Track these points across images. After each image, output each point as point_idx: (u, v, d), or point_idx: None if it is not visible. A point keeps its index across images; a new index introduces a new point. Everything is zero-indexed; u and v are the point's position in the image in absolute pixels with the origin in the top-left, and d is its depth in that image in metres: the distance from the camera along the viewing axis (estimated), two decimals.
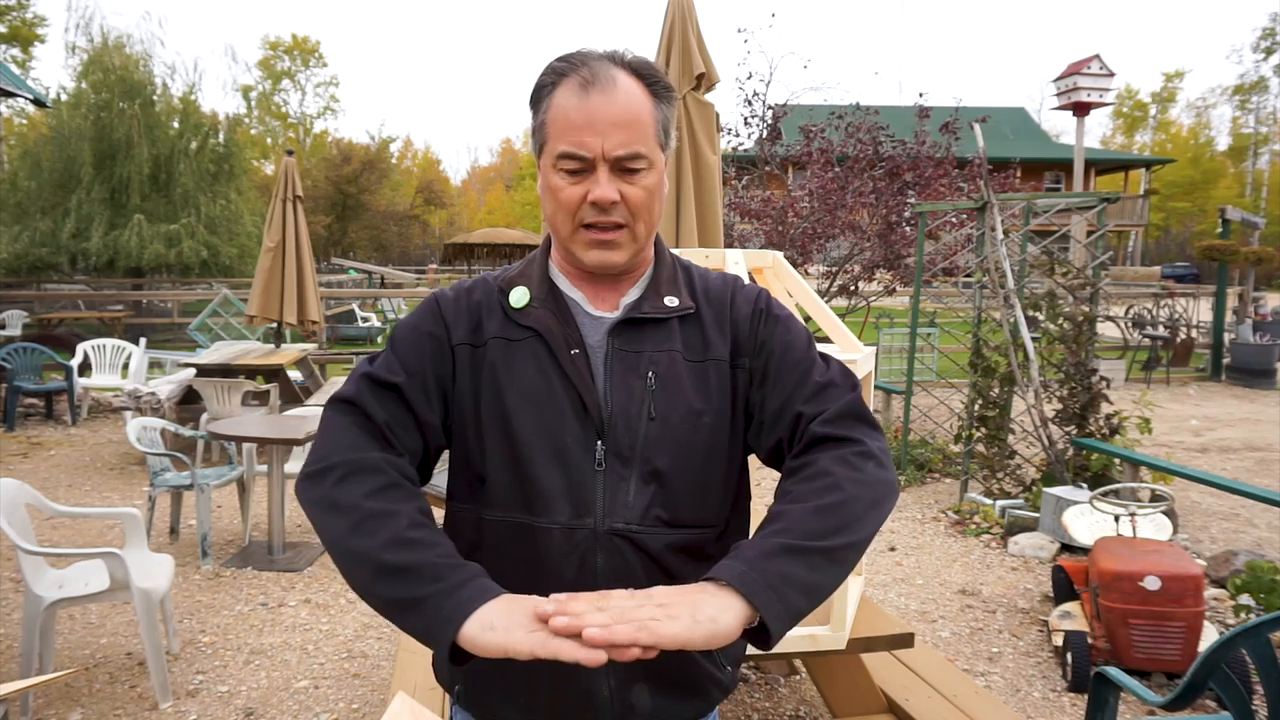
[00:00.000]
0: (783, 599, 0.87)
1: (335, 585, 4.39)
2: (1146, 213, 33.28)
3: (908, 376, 6.71)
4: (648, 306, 1.10)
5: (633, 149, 1.04)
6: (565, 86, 1.05)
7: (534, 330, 1.08)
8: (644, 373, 1.07)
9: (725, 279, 1.20)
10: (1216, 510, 5.82)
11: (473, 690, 1.14)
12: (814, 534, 0.92)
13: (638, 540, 1.06)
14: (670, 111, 1.11)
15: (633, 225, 1.07)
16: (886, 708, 2.70)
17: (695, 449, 1.08)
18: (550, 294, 1.11)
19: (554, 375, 1.07)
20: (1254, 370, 11.61)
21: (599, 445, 1.06)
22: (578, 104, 1.04)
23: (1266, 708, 1.97)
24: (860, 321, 10.78)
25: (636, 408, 1.06)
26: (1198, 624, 3.27)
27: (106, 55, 15.51)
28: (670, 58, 3.62)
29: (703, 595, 0.86)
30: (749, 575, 0.87)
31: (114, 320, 13.56)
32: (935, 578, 4.64)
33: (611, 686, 1.07)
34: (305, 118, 46.84)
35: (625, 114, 1.04)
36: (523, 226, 37.92)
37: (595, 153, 1.03)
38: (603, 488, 1.05)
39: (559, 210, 1.07)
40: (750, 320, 1.14)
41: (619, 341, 1.09)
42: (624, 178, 1.05)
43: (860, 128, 9.65)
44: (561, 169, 1.05)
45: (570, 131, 1.04)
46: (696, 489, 1.10)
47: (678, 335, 1.10)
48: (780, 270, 2.54)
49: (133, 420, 4.86)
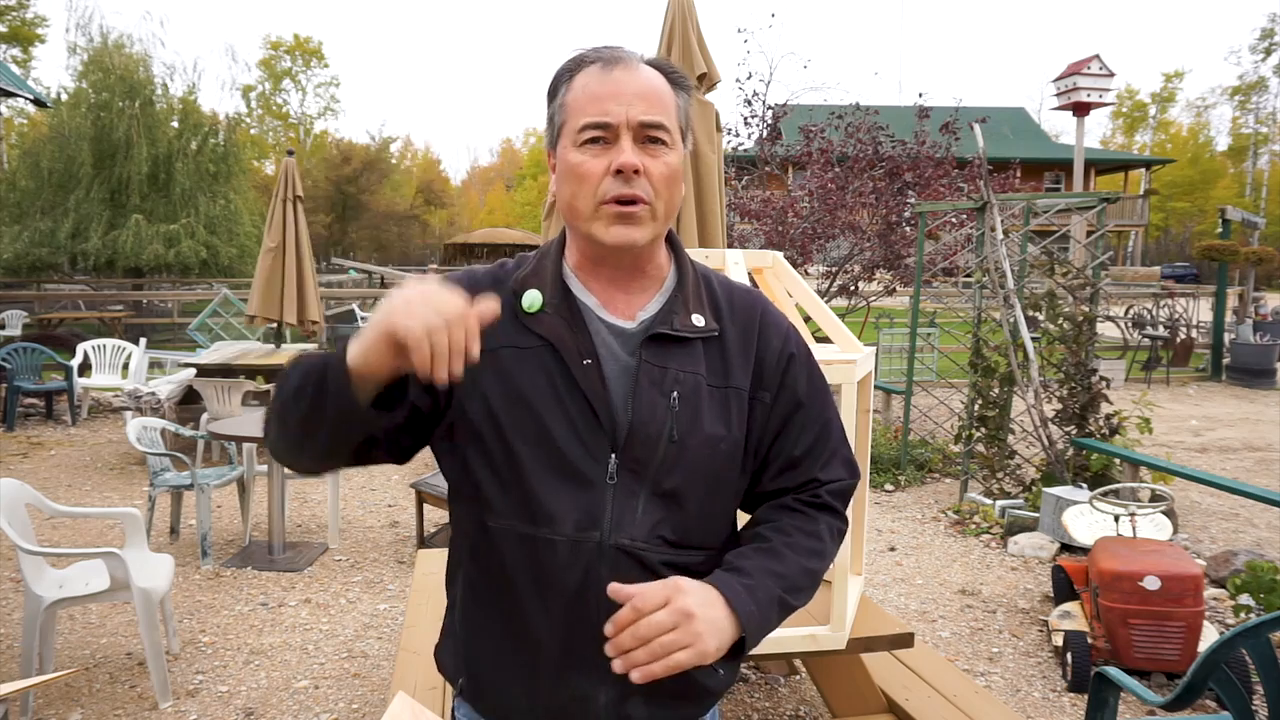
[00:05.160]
0: (755, 640, 1.01)
1: (335, 585, 4.39)
2: (1146, 213, 33.28)
3: (908, 376, 6.71)
4: (678, 324, 1.08)
5: (657, 117, 1.03)
6: (586, 71, 1.06)
7: (545, 340, 1.06)
8: (668, 391, 1.06)
9: (752, 299, 1.18)
10: (1216, 510, 5.82)
11: (476, 684, 1.14)
12: (795, 590, 1.07)
13: (642, 558, 1.06)
14: (688, 105, 1.10)
15: (654, 202, 1.05)
16: (886, 708, 2.70)
17: (709, 474, 1.08)
18: (564, 299, 1.09)
19: (564, 387, 1.04)
20: (1254, 370, 11.62)
21: (613, 459, 1.04)
22: (601, 78, 1.04)
23: (1266, 708, 1.97)
24: (860, 321, 10.78)
25: (658, 427, 1.05)
26: (1197, 624, 3.27)
27: (106, 55, 15.49)
28: (670, 58, 3.62)
29: (723, 619, 0.97)
30: (755, 619, 0.99)
31: (114, 320, 13.56)
32: (935, 578, 4.64)
33: (608, 695, 1.08)
34: (306, 118, 46.84)
35: (649, 87, 1.04)
36: (523, 226, 37.90)
37: (619, 120, 1.02)
38: (612, 502, 1.05)
39: (580, 186, 1.04)
40: (778, 357, 1.13)
41: (648, 354, 1.06)
42: (647, 149, 1.04)
43: (860, 128, 9.64)
44: (584, 141, 1.03)
45: (593, 103, 1.03)
46: (705, 513, 1.10)
47: (702, 358, 1.09)
48: (780, 270, 2.53)
49: (133, 420, 4.86)
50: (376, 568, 4.67)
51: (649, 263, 1.12)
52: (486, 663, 1.12)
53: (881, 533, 5.37)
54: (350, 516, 5.54)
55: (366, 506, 5.80)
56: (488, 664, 1.12)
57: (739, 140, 10.78)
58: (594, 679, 1.07)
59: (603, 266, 1.10)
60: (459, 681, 1.16)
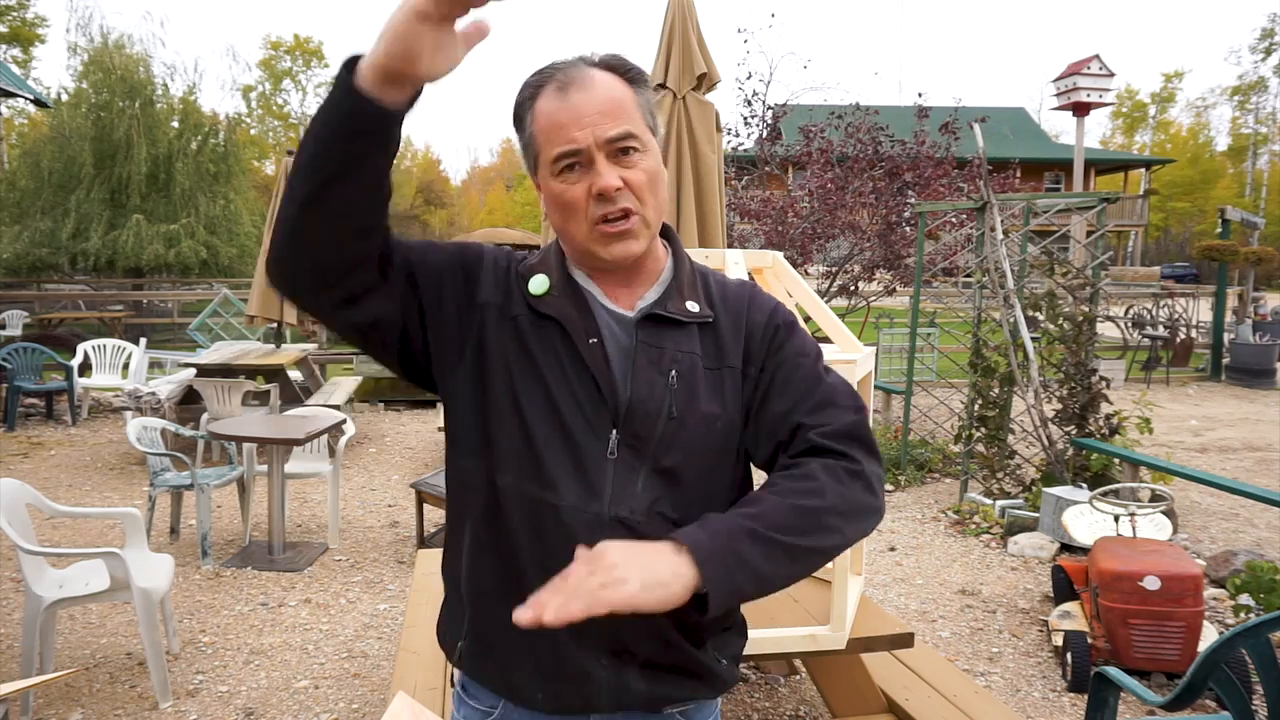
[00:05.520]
0: (731, 578, 0.92)
1: (335, 585, 4.39)
2: (1146, 213, 33.28)
3: (908, 376, 6.71)
4: (672, 307, 1.12)
5: (622, 128, 1.05)
6: (543, 96, 1.08)
7: (553, 318, 1.10)
8: (666, 370, 1.09)
9: (743, 287, 1.21)
10: (1216, 510, 5.83)
11: (476, 647, 1.15)
12: (782, 528, 0.96)
13: (642, 533, 1.06)
14: (649, 97, 1.12)
15: (641, 210, 1.08)
16: (886, 708, 2.70)
17: (707, 452, 1.11)
18: (568, 284, 1.13)
19: (570, 362, 1.08)
20: (1254, 370, 11.62)
21: (614, 434, 1.07)
22: (559, 105, 1.06)
23: (1266, 708, 1.97)
24: (860, 321, 10.78)
25: (657, 404, 1.08)
26: (1197, 624, 3.27)
27: (107, 55, 15.50)
28: (670, 58, 3.62)
29: (659, 557, 0.91)
30: (707, 547, 0.92)
31: (114, 320, 13.57)
32: (935, 578, 4.64)
33: (606, 669, 1.10)
34: (306, 118, 46.84)
35: (607, 102, 1.06)
36: (523, 226, 37.82)
37: (587, 143, 1.04)
38: (613, 476, 1.07)
39: (569, 215, 1.08)
40: (764, 329, 1.16)
41: (643, 334, 1.10)
42: (622, 162, 1.06)
43: (860, 128, 9.66)
44: (560, 170, 1.07)
45: (558, 132, 1.05)
46: (703, 491, 1.11)
47: (697, 341, 1.12)
48: (780, 270, 2.53)
49: (133, 420, 4.86)
50: (376, 568, 4.67)
51: (647, 258, 1.15)
52: (488, 626, 1.13)
53: (881, 533, 5.37)
54: (350, 516, 5.54)
55: (366, 506, 5.80)
56: (489, 627, 1.13)
57: (739, 140, 10.80)
58: (592, 652, 1.09)
59: (603, 270, 1.15)
60: (459, 646, 1.17)
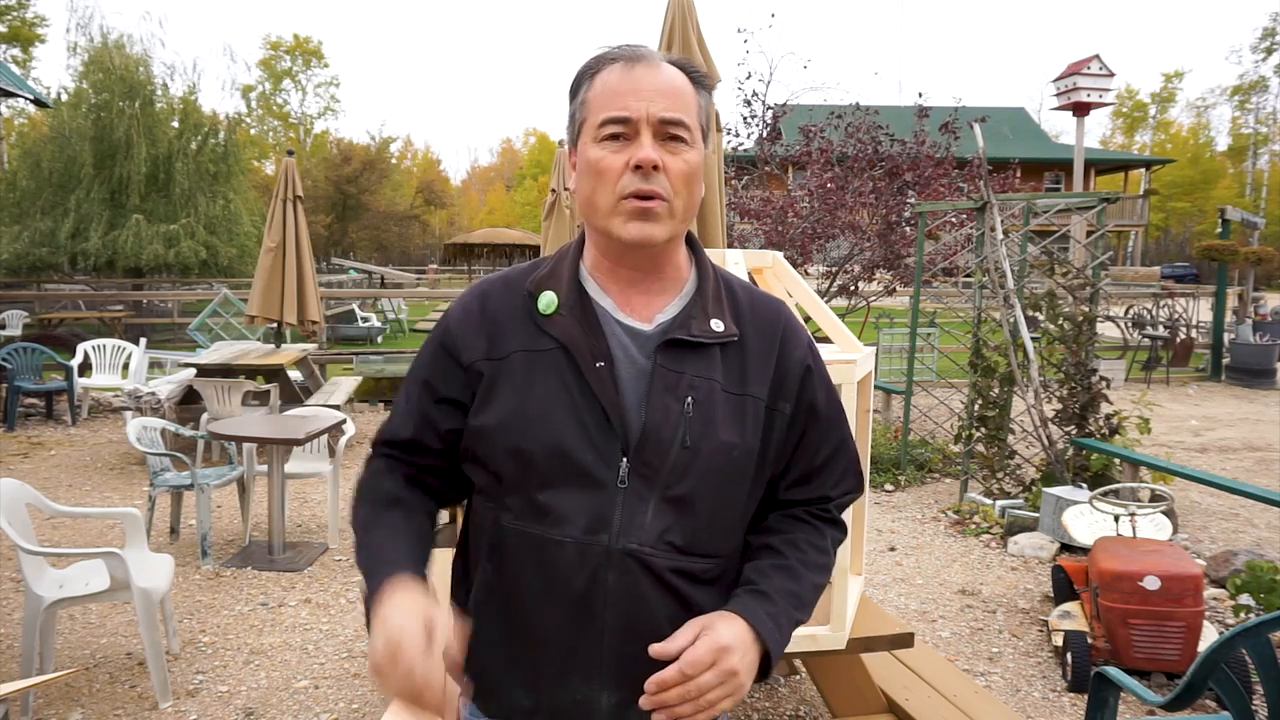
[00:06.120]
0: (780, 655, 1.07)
1: (335, 585, 4.39)
2: (1146, 213, 33.28)
3: (908, 376, 6.71)
4: (695, 328, 1.07)
5: (677, 114, 1.03)
6: (608, 68, 1.06)
7: (559, 342, 1.06)
8: (682, 397, 1.05)
9: (774, 307, 1.17)
10: (1216, 510, 5.83)
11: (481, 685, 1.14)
12: (804, 608, 1.12)
13: (649, 562, 1.05)
14: (710, 106, 1.10)
15: (672, 199, 1.04)
16: (886, 708, 2.70)
17: (721, 481, 1.08)
18: (579, 301, 1.08)
19: (577, 389, 1.04)
20: (1254, 370, 11.62)
21: (624, 462, 1.04)
22: (622, 76, 1.05)
23: (1266, 708, 1.97)
24: (860, 321, 10.78)
25: (670, 432, 1.04)
26: (1197, 624, 3.27)
27: (107, 55, 15.49)
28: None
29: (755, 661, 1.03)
30: (779, 647, 1.06)
31: (114, 320, 13.56)
32: (935, 578, 4.64)
33: (611, 698, 1.08)
34: (306, 118, 46.88)
35: (670, 84, 1.05)
36: (523, 226, 37.86)
37: (640, 115, 1.02)
38: (622, 505, 1.04)
39: (600, 182, 1.04)
40: (800, 372, 1.14)
41: (663, 359, 1.06)
42: (667, 147, 1.04)
43: (860, 128, 9.64)
44: (604, 136, 1.04)
45: (614, 98, 1.03)
46: (715, 520, 1.09)
47: (719, 364, 1.08)
48: (780, 270, 2.53)
49: (133, 420, 4.86)
50: None
51: (668, 263, 1.11)
52: (492, 663, 1.12)
53: (881, 533, 5.37)
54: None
55: None
56: (493, 664, 1.12)
57: (739, 140, 10.77)
58: (597, 682, 1.06)
59: (621, 266, 1.10)
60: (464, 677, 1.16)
